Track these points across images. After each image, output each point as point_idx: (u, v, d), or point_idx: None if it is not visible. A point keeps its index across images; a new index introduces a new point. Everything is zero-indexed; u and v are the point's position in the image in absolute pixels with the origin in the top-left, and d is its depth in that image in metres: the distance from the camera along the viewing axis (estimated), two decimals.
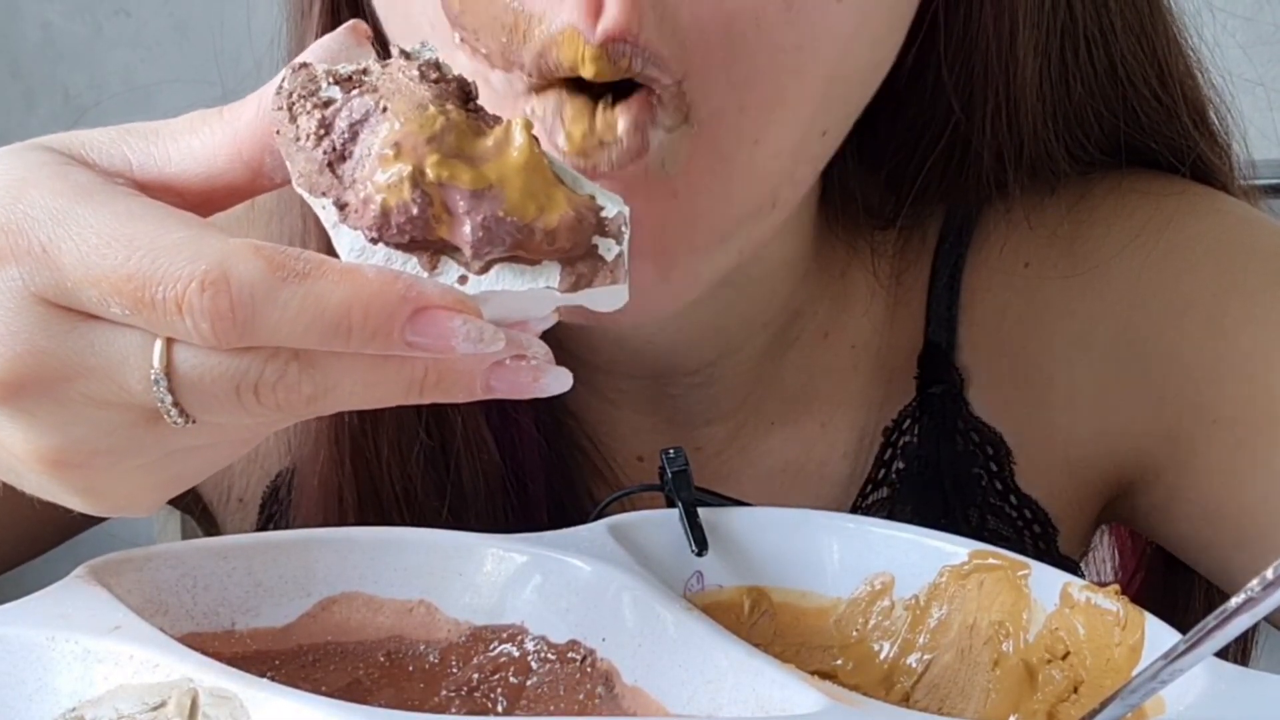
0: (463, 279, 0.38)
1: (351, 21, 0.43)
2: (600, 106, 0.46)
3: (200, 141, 0.41)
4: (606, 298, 0.40)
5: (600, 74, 0.45)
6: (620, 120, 0.46)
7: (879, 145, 0.60)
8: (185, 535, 1.06)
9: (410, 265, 0.38)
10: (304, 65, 0.40)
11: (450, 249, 0.38)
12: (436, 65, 0.40)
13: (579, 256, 0.39)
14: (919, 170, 0.60)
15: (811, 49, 0.47)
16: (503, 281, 0.38)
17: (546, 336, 0.40)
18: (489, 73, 0.47)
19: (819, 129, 0.51)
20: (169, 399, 0.38)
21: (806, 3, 0.46)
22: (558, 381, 0.40)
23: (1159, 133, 0.62)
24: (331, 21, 0.56)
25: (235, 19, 0.75)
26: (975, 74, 0.57)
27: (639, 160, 0.46)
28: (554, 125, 0.46)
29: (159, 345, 0.38)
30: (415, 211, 0.37)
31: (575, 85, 0.46)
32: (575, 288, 0.39)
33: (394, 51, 0.41)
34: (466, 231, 0.38)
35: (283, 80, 0.40)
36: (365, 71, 0.40)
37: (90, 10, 1.87)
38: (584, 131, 0.46)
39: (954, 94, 0.57)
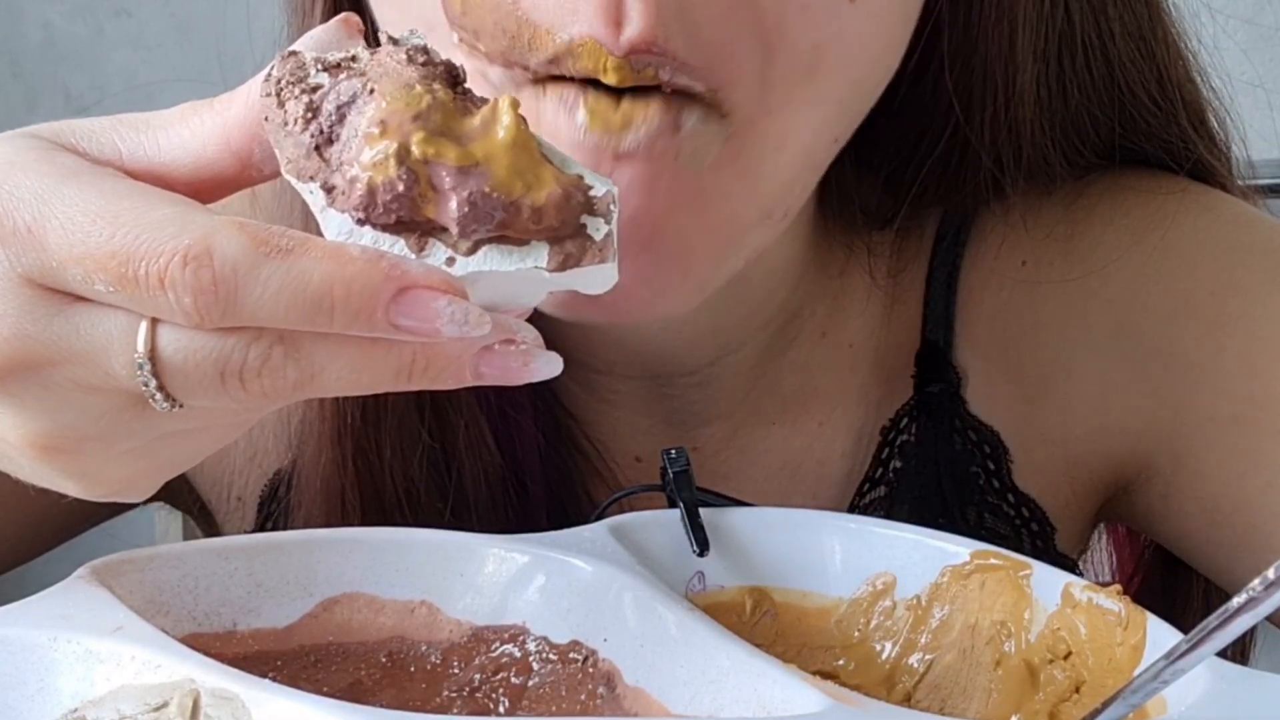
0: (450, 260, 0.38)
1: (343, 14, 0.43)
2: (624, 98, 0.45)
3: (190, 132, 0.41)
4: (595, 278, 0.39)
5: (623, 81, 0.44)
6: (650, 105, 0.45)
7: (878, 148, 0.60)
8: (186, 536, 1.06)
9: (398, 247, 0.38)
10: (292, 53, 0.40)
11: (438, 230, 0.38)
12: (424, 50, 0.40)
13: (567, 235, 0.39)
14: (918, 173, 0.60)
15: (827, 50, 0.47)
16: (490, 262, 0.38)
17: (545, 337, 0.40)
18: (487, 68, 0.47)
19: (831, 135, 0.51)
20: (153, 383, 0.38)
21: (821, 4, 0.46)
22: (548, 366, 0.39)
23: (1157, 137, 0.62)
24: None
25: (236, 19, 0.75)
26: (975, 78, 0.57)
27: (671, 138, 0.45)
28: (575, 101, 0.45)
29: (143, 328, 0.38)
30: (401, 189, 0.37)
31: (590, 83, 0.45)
32: (563, 267, 0.38)
33: (382, 39, 0.40)
34: (452, 208, 0.37)
35: (271, 68, 0.40)
36: (354, 58, 0.40)
37: (92, 11, 1.87)
38: (607, 108, 0.45)
39: (954, 98, 0.57)
